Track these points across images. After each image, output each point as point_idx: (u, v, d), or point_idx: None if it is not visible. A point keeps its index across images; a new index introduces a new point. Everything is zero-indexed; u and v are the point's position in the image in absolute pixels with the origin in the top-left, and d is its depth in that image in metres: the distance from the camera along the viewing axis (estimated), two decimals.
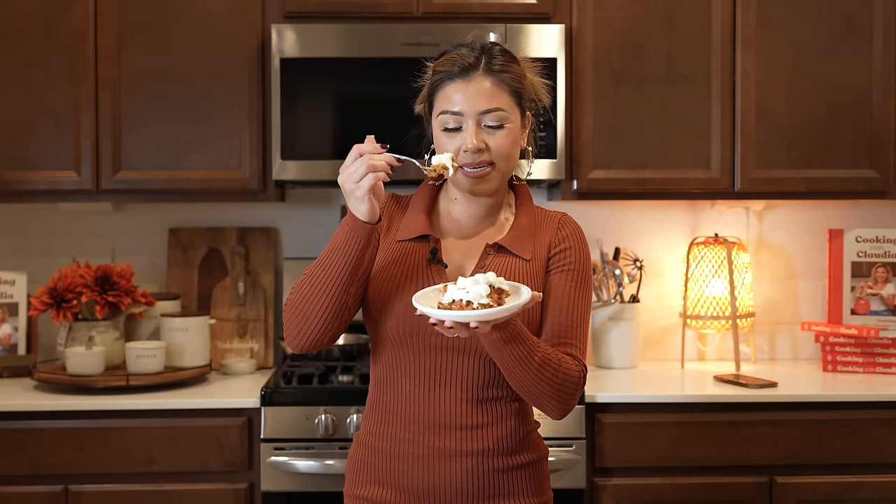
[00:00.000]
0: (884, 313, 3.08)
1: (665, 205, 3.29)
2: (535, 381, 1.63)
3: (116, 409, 2.64)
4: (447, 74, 1.74)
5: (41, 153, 2.89)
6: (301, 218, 3.27)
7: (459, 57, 1.73)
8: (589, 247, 1.83)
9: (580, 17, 2.92)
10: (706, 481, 2.68)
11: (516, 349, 1.59)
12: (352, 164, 1.59)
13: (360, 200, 1.59)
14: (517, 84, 1.75)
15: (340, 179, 1.61)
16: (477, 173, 1.71)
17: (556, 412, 1.70)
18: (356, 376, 2.79)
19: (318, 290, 1.66)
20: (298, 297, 1.68)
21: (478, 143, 1.70)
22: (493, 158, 1.72)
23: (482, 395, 1.73)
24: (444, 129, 1.73)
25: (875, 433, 2.70)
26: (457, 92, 1.72)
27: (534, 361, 1.61)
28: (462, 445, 1.71)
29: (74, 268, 2.94)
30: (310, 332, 1.69)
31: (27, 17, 2.88)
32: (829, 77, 2.96)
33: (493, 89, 1.72)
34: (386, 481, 1.75)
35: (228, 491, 2.64)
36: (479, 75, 1.72)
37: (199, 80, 2.90)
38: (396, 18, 2.91)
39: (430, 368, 1.72)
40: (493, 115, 1.71)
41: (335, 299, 1.66)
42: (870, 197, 3.02)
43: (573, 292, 1.75)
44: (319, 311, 1.67)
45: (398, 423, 1.74)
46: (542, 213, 1.84)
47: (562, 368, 1.65)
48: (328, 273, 1.65)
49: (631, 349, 3.11)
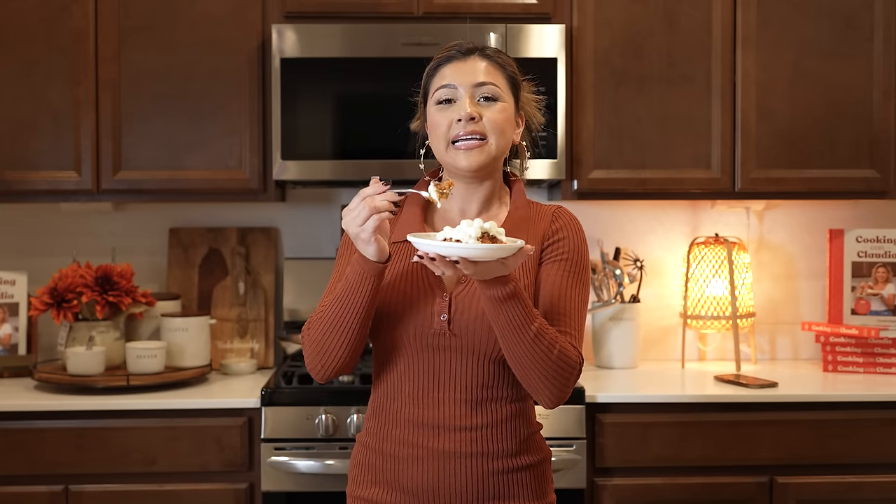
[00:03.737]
0: (884, 313, 3.08)
1: (665, 205, 3.29)
2: (530, 352, 1.61)
3: (117, 409, 2.64)
4: (444, 58, 1.77)
5: (41, 153, 2.89)
6: (301, 218, 3.27)
7: (455, 45, 1.78)
8: (586, 238, 1.81)
9: (580, 17, 2.92)
10: (707, 481, 2.67)
11: (513, 310, 1.58)
12: (355, 208, 1.59)
13: (367, 243, 1.59)
14: (512, 70, 1.78)
15: (345, 223, 1.60)
16: (469, 144, 1.71)
17: (550, 396, 1.66)
18: (356, 376, 2.79)
19: (337, 328, 1.67)
20: (318, 335, 1.69)
21: (471, 111, 1.70)
22: (485, 131, 1.72)
23: (482, 396, 1.72)
24: (437, 103, 1.75)
25: (875, 433, 2.70)
26: (452, 70, 1.75)
27: (530, 329, 1.59)
28: (463, 447, 1.71)
29: (75, 268, 2.94)
30: (332, 367, 1.71)
31: (27, 18, 2.88)
32: (830, 77, 2.96)
33: (488, 68, 1.75)
34: (387, 483, 1.75)
35: (229, 491, 2.64)
36: (474, 57, 1.76)
37: (199, 80, 2.90)
38: (397, 18, 2.91)
39: (430, 370, 1.72)
40: (487, 89, 1.73)
41: (353, 335, 1.67)
42: (870, 197, 3.02)
43: (565, 281, 1.73)
44: (340, 348, 1.68)
45: (399, 425, 1.74)
46: (536, 207, 1.83)
47: (557, 344, 1.63)
48: (345, 312, 1.66)
49: (631, 349, 3.11)
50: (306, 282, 3.15)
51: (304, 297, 3.16)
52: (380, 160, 2.83)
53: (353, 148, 2.86)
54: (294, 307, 3.17)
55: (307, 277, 3.16)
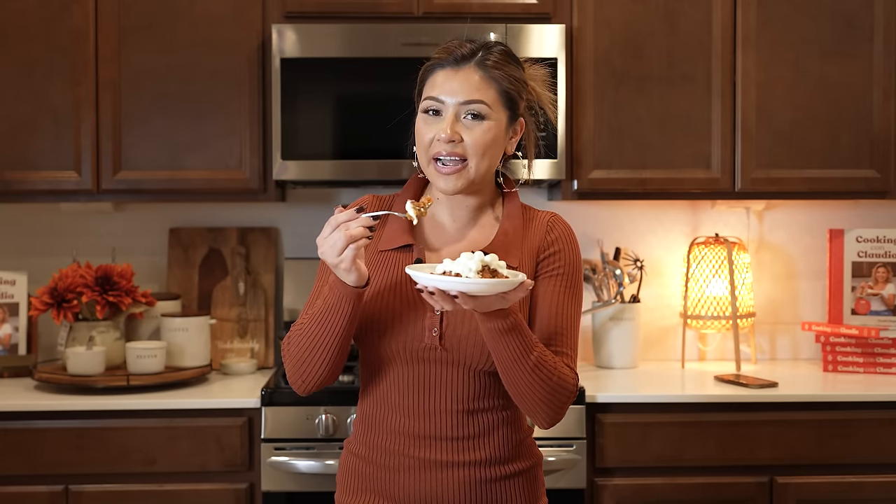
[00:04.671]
0: (884, 313, 3.08)
1: (665, 205, 3.29)
2: (529, 381, 1.60)
3: (117, 409, 2.64)
4: (439, 62, 1.71)
5: (42, 153, 2.89)
6: (301, 218, 3.27)
7: (456, 47, 1.71)
8: (580, 248, 1.78)
9: (580, 17, 2.92)
10: (707, 481, 2.67)
11: (513, 342, 1.56)
12: (329, 237, 1.57)
13: (348, 272, 1.57)
14: (508, 84, 1.70)
15: (321, 252, 1.58)
16: (447, 169, 1.67)
17: (546, 419, 1.66)
18: (356, 376, 2.78)
19: (316, 348, 1.65)
20: (297, 352, 1.68)
21: (451, 134, 1.65)
22: (466, 153, 1.67)
23: (472, 407, 1.69)
24: (424, 112, 1.71)
25: (875, 433, 2.70)
26: (444, 79, 1.69)
27: (530, 359, 1.58)
28: (454, 456, 1.68)
29: (75, 268, 2.94)
30: (313, 382, 1.70)
31: (27, 18, 2.88)
32: (830, 77, 2.96)
33: (480, 83, 1.68)
34: (377, 491, 1.72)
35: (229, 491, 2.64)
36: (469, 66, 1.69)
37: (199, 80, 2.90)
38: (396, 18, 2.91)
39: (420, 381, 1.69)
40: (473, 107, 1.67)
41: (333, 354, 1.66)
42: (870, 197, 3.02)
43: (563, 298, 1.71)
44: (319, 367, 1.67)
45: (388, 435, 1.71)
46: (530, 213, 1.78)
47: (556, 372, 1.62)
48: (324, 332, 1.64)
49: (631, 349, 3.11)
50: (306, 282, 3.15)
51: (304, 297, 3.16)
52: (379, 160, 2.83)
53: (353, 148, 2.86)
54: (294, 307, 3.17)
55: (307, 277, 3.16)
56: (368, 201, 1.80)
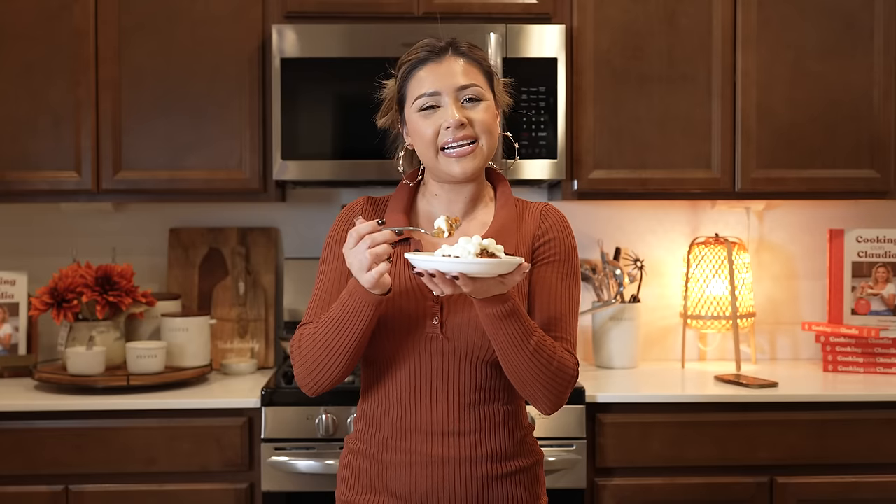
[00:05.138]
0: (884, 313, 3.08)
1: (665, 205, 3.29)
2: (529, 366, 1.60)
3: (117, 409, 2.64)
4: (417, 60, 1.73)
5: (42, 153, 2.89)
6: (301, 218, 3.27)
7: (426, 44, 1.74)
8: (574, 236, 1.80)
9: (581, 17, 2.92)
10: (707, 481, 2.68)
11: (512, 327, 1.57)
12: (355, 250, 1.56)
13: (374, 286, 1.57)
14: (487, 65, 1.76)
15: (348, 262, 1.58)
16: (461, 151, 1.69)
17: (548, 405, 1.67)
18: (357, 376, 2.78)
19: (332, 351, 1.65)
20: (311, 355, 1.67)
21: (460, 118, 1.68)
22: (476, 133, 1.70)
23: (474, 400, 1.70)
24: (420, 110, 1.71)
25: (875, 433, 2.70)
26: (430, 74, 1.71)
27: (529, 344, 1.59)
28: (455, 452, 1.69)
29: (75, 268, 2.94)
30: (325, 384, 1.70)
31: (27, 17, 2.88)
32: (830, 77, 2.97)
33: (466, 67, 1.72)
34: (379, 488, 1.72)
35: (229, 491, 2.64)
36: (449, 56, 1.72)
37: (199, 80, 2.90)
38: (397, 18, 2.91)
39: (423, 375, 1.70)
40: (471, 90, 1.70)
41: (350, 357, 1.66)
42: (870, 197, 3.02)
43: (560, 284, 1.72)
44: (334, 369, 1.67)
45: (390, 430, 1.72)
46: (522, 205, 1.80)
47: (556, 356, 1.63)
48: (341, 337, 1.64)
49: (631, 349, 3.11)
50: (306, 282, 3.15)
51: (304, 297, 3.16)
52: (379, 160, 2.83)
53: (353, 148, 2.86)
54: (294, 307, 3.17)
55: (307, 277, 3.16)
56: (363, 204, 1.82)
